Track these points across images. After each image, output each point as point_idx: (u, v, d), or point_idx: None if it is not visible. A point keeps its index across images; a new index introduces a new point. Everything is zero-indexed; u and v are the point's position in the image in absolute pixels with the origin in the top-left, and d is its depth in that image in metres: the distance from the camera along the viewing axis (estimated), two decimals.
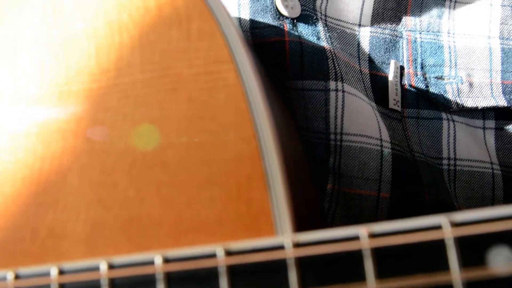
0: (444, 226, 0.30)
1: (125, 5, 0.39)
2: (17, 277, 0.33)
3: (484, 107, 0.56)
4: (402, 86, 0.57)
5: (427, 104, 0.57)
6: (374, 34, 0.58)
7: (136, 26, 0.39)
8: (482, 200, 0.55)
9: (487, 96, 0.56)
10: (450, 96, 0.56)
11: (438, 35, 0.59)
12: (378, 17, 0.59)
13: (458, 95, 0.56)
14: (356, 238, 0.30)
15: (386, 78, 0.57)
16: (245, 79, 0.36)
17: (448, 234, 0.29)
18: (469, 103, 0.56)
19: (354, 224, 0.50)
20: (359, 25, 0.58)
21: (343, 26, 0.58)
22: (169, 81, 0.37)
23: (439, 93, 0.56)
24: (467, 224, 0.30)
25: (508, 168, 0.57)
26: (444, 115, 0.56)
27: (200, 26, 0.38)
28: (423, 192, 0.52)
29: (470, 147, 0.56)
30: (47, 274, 0.33)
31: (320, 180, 0.50)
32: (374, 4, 0.59)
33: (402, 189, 0.52)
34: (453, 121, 0.57)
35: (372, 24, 0.59)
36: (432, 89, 0.56)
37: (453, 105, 0.56)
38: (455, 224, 0.30)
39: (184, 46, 0.37)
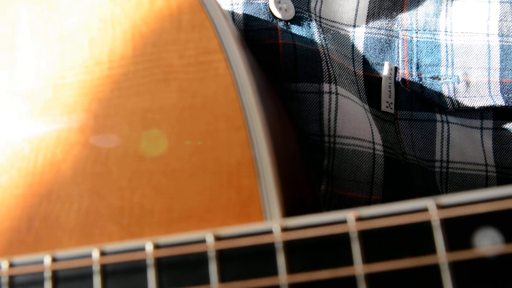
0: (430, 208, 0.30)
1: (118, 0, 0.40)
2: (11, 265, 0.34)
3: (480, 107, 0.55)
4: (396, 87, 0.56)
5: (421, 105, 0.56)
6: (369, 34, 0.58)
7: (129, 19, 0.39)
8: None
9: (484, 95, 0.56)
10: (446, 96, 0.55)
11: (435, 34, 0.58)
12: (373, 17, 0.58)
13: (455, 94, 0.55)
14: (343, 221, 0.31)
15: (380, 79, 0.56)
16: (235, 69, 0.36)
17: (435, 216, 0.30)
18: (465, 102, 0.55)
19: None
20: (354, 26, 0.58)
21: (337, 28, 0.57)
22: (160, 71, 0.38)
23: (434, 93, 0.56)
24: (453, 206, 0.30)
25: (504, 169, 0.56)
26: (438, 117, 0.56)
27: (191, 18, 0.38)
28: (414, 195, 0.52)
29: (464, 149, 0.56)
30: (40, 262, 0.33)
31: (315, 181, 0.50)
32: (369, 4, 0.58)
33: (393, 192, 0.52)
34: (448, 122, 0.56)
35: (367, 24, 0.58)
36: (427, 89, 0.56)
37: (448, 105, 0.55)
38: (441, 206, 0.30)
39: (175, 38, 0.38)
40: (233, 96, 0.36)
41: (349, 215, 0.31)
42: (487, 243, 0.29)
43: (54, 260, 0.33)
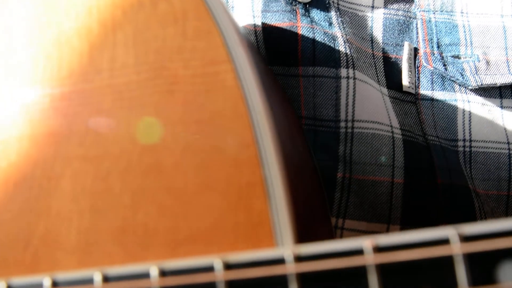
0: (452, 240, 0.28)
1: (119, 2, 0.37)
2: None
3: (502, 84, 0.56)
4: (417, 68, 0.57)
5: (441, 85, 0.57)
6: (388, 15, 0.58)
7: (130, 24, 0.37)
8: (498, 181, 0.55)
9: (504, 73, 0.57)
10: (468, 74, 0.56)
11: (452, 15, 0.59)
12: None
13: (476, 72, 0.56)
14: (360, 252, 0.29)
15: (399, 60, 0.57)
16: (244, 81, 0.34)
17: (457, 249, 0.28)
18: (487, 80, 0.56)
19: (368, 211, 0.50)
20: (372, 7, 0.58)
21: (355, 9, 0.57)
22: (164, 82, 0.35)
23: (457, 71, 0.56)
24: (477, 238, 0.28)
25: None
26: (459, 96, 0.56)
27: (197, 25, 0.36)
28: (435, 177, 0.52)
29: (485, 128, 0.56)
30: (39, 286, 0.32)
31: (329, 170, 0.50)
32: None
33: (415, 174, 0.52)
34: (469, 101, 0.57)
35: (385, 5, 0.59)
36: (450, 68, 0.56)
37: (471, 83, 0.56)
38: (464, 238, 0.28)
39: (179, 46, 0.36)
40: (242, 111, 0.34)
41: (366, 244, 0.29)
42: None
43: (54, 284, 0.32)
